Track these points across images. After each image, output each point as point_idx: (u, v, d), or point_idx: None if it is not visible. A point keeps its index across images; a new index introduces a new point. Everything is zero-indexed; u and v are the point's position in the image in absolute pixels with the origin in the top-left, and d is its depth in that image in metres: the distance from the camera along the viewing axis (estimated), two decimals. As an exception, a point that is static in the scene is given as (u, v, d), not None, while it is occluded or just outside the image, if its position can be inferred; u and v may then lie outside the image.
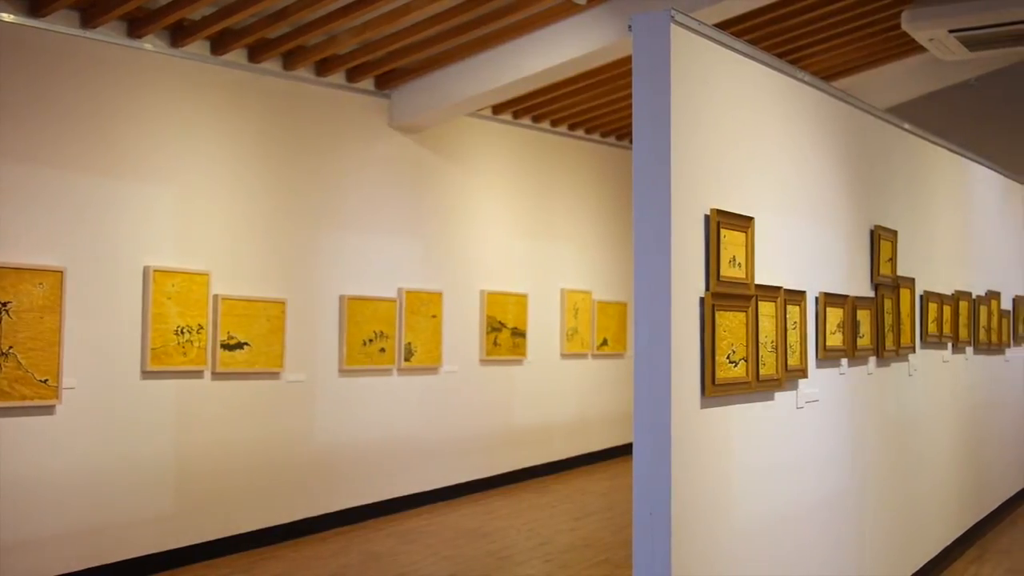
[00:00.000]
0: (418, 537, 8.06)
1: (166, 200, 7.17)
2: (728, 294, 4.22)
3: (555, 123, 11.14)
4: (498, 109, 10.24)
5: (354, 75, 8.62)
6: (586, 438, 11.72)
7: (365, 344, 8.65)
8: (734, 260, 4.27)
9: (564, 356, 11.29)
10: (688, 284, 4.01)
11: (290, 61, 8.05)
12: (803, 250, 4.99)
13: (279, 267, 7.97)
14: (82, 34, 6.74)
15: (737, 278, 4.29)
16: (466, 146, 10.03)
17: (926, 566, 6.58)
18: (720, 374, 4.15)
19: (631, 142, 4.11)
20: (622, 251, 12.01)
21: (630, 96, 4.07)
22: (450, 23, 7.60)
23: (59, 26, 6.61)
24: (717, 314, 4.14)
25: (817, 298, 5.09)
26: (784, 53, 9.52)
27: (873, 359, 5.81)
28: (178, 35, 7.25)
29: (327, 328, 8.38)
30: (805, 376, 4.91)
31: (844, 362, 5.41)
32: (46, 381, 6.34)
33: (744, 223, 4.36)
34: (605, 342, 11.88)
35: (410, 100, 8.95)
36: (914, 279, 6.45)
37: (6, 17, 6.36)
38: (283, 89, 8.12)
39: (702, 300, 4.09)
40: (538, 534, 8.17)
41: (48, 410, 6.42)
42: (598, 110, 10.85)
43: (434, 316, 9.37)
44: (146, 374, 6.97)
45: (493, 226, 10.34)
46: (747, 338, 4.35)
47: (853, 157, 5.60)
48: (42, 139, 6.50)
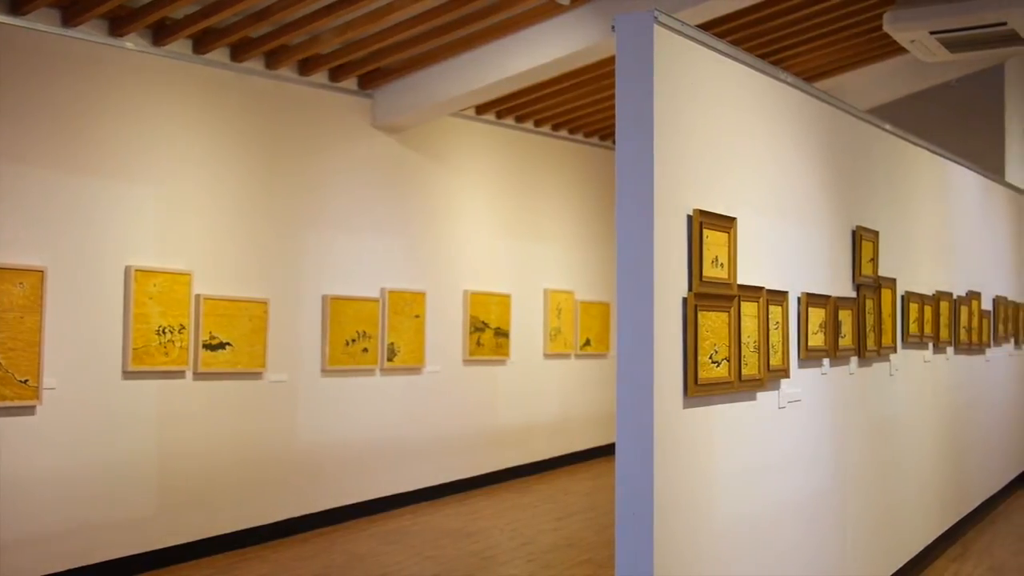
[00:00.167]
0: (401, 537, 8.05)
1: (148, 200, 7.14)
2: (711, 294, 4.23)
3: (538, 123, 11.14)
4: (481, 109, 10.24)
5: (337, 75, 8.60)
6: (569, 438, 11.73)
7: (348, 344, 8.63)
8: (716, 260, 4.28)
9: (547, 356, 11.30)
10: (671, 284, 4.01)
11: (273, 60, 8.03)
12: (785, 250, 5.01)
13: (261, 267, 7.94)
14: (63, 32, 6.70)
15: (719, 278, 4.30)
16: (449, 146, 10.03)
17: (908, 564, 6.61)
18: (703, 374, 4.16)
19: (614, 142, 4.11)
20: (605, 251, 12.02)
21: (613, 96, 4.08)
22: (433, 23, 7.60)
23: (39, 24, 6.57)
24: (700, 314, 4.15)
25: (799, 298, 5.11)
26: (768, 54, 9.55)
27: (855, 359, 5.83)
28: (160, 34, 7.22)
29: (310, 328, 8.36)
30: (787, 376, 4.92)
31: (826, 362, 5.43)
32: (26, 381, 6.30)
33: (727, 223, 4.37)
34: (588, 342, 11.89)
35: (393, 100, 8.93)
36: (895, 279, 6.48)
37: (-14, 15, 6.34)
38: (266, 88, 8.10)
39: (685, 300, 4.10)
40: (521, 534, 8.17)
41: (28, 411, 6.38)
42: (581, 110, 10.86)
43: (417, 316, 9.36)
44: (128, 374, 6.94)
45: (476, 226, 10.34)
46: (729, 338, 4.36)
47: (835, 158, 5.62)
48: (22, 138, 6.46)
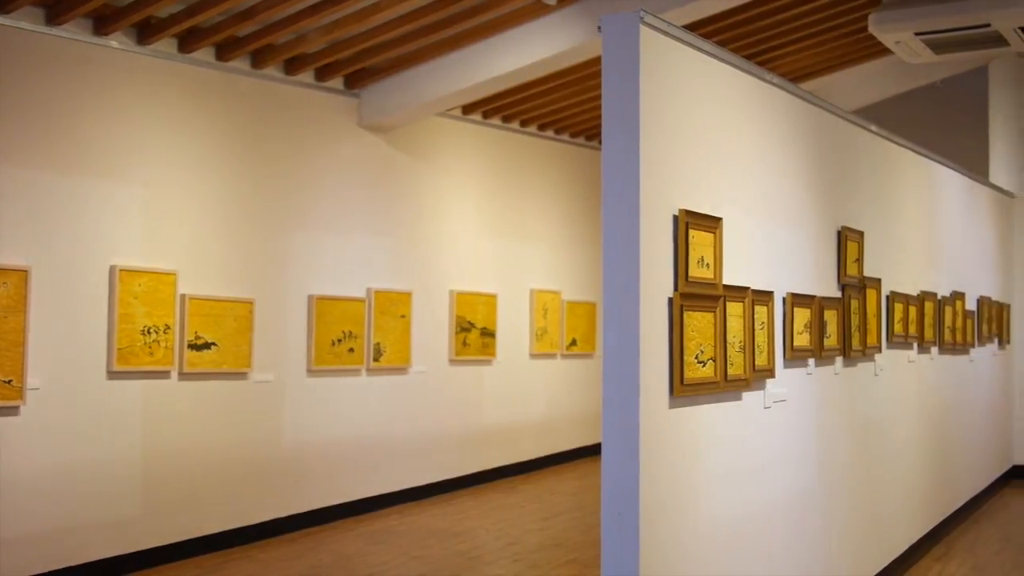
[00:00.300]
0: (388, 537, 8.04)
1: (133, 199, 7.12)
2: (696, 294, 4.24)
3: (525, 123, 11.14)
4: (468, 109, 10.23)
5: (323, 74, 8.59)
6: (555, 438, 11.73)
7: (334, 344, 8.62)
8: (702, 260, 4.29)
9: (533, 356, 11.30)
10: (657, 284, 4.02)
11: (258, 60, 8.00)
12: (771, 251, 5.02)
13: (247, 267, 7.92)
14: (47, 31, 6.67)
15: (705, 278, 4.30)
16: (436, 146, 10.02)
17: (892, 564, 6.63)
18: (688, 374, 4.16)
19: (600, 143, 4.12)
20: (591, 251, 12.03)
21: (599, 97, 4.07)
22: (420, 22, 7.59)
23: (23, 22, 6.54)
24: (685, 314, 4.16)
25: (785, 298, 5.12)
26: (754, 54, 9.58)
27: (840, 359, 5.85)
28: (145, 33, 7.19)
29: (295, 328, 8.34)
30: (773, 376, 4.93)
31: (811, 362, 5.45)
32: (10, 382, 6.27)
33: (712, 224, 4.37)
34: (574, 342, 11.90)
35: (379, 99, 8.92)
36: (880, 279, 6.50)
37: (-30, 13, 6.30)
38: (251, 88, 8.08)
39: (670, 300, 4.10)
40: (507, 534, 8.17)
41: (12, 411, 6.35)
42: (568, 110, 10.87)
43: (403, 316, 9.34)
44: (112, 374, 6.91)
45: (462, 226, 10.33)
46: (715, 338, 4.37)
47: (821, 158, 5.64)
48: (6, 137, 6.42)
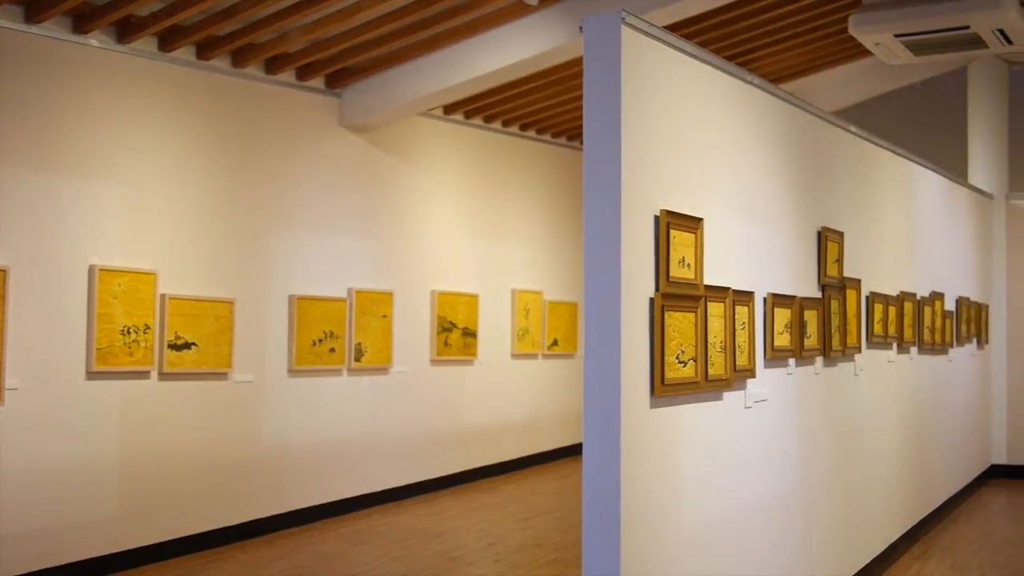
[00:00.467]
0: (369, 538, 8.02)
1: (112, 198, 7.08)
2: (677, 294, 4.25)
3: (507, 123, 11.14)
4: (450, 109, 10.22)
5: (304, 73, 8.56)
6: (536, 438, 11.74)
7: (315, 344, 8.59)
8: (683, 261, 4.30)
9: (515, 356, 11.30)
10: (638, 284, 4.03)
11: (239, 59, 7.97)
12: (752, 251, 5.04)
13: (227, 266, 7.89)
14: (26, 29, 6.63)
15: (686, 279, 4.31)
16: (418, 146, 10.00)
17: (871, 563, 6.66)
18: (669, 374, 4.17)
19: (582, 143, 4.13)
20: (573, 251, 12.04)
21: (581, 97, 4.08)
22: (401, 22, 7.58)
23: (2, 21, 6.49)
24: (666, 314, 4.17)
25: (765, 299, 5.14)
26: (735, 55, 9.61)
27: (820, 359, 5.88)
28: (125, 31, 7.15)
29: (276, 328, 8.31)
30: (753, 376, 4.95)
31: (792, 362, 5.47)
32: (-12, 382, 6.22)
33: (693, 224, 4.39)
34: (556, 342, 11.91)
35: (361, 99, 8.90)
36: (860, 280, 6.53)
37: (-53, 11, 6.26)
38: (232, 87, 8.05)
39: (652, 300, 4.11)
40: (488, 534, 8.17)
41: (-10, 411, 6.32)
42: (549, 111, 10.88)
43: (384, 316, 9.33)
44: (91, 375, 6.87)
45: (444, 226, 10.32)
46: (696, 338, 4.38)
47: (801, 159, 5.66)
48: (-16, 135, 6.39)
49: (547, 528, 8.41)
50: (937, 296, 8.46)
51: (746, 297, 4.87)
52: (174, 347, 7.36)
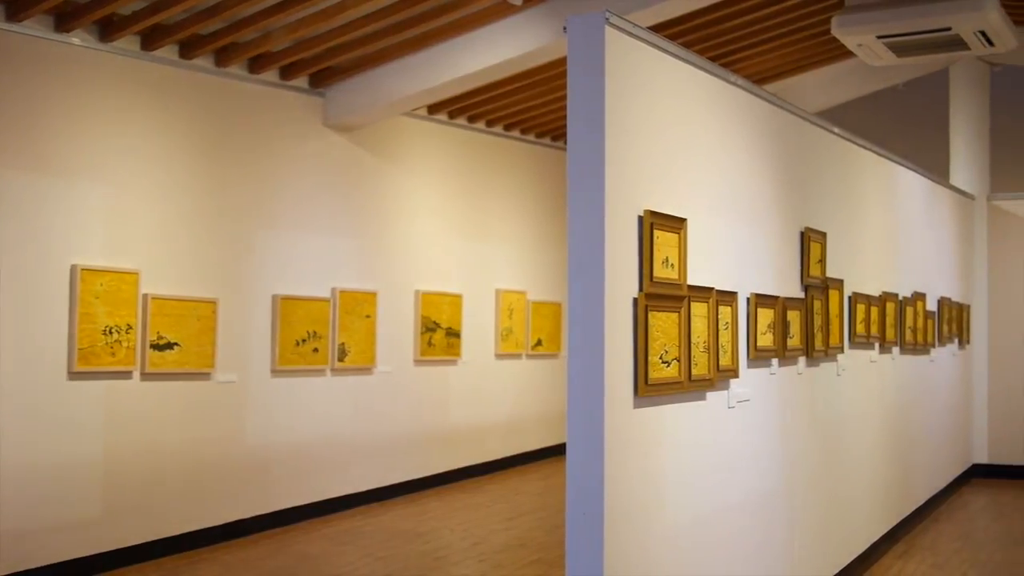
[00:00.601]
0: (353, 538, 8.01)
1: (94, 198, 7.04)
2: (661, 295, 4.26)
3: (491, 123, 11.14)
4: (434, 109, 10.22)
5: (288, 73, 8.54)
6: (520, 438, 11.74)
7: (298, 344, 8.57)
8: (667, 261, 4.31)
9: (499, 356, 11.30)
10: (622, 285, 4.03)
11: (222, 58, 7.95)
12: (735, 251, 5.05)
13: (210, 266, 7.86)
14: (7, 27, 6.59)
15: (670, 279, 4.32)
16: (402, 146, 9.99)
17: (853, 562, 6.69)
18: (653, 374, 4.18)
19: (566, 143, 4.13)
20: (557, 252, 12.05)
21: (565, 97, 4.08)
22: (386, 22, 7.57)
23: (-17, 19, 6.47)
24: (650, 314, 4.17)
25: (748, 299, 5.15)
26: (719, 56, 9.63)
27: (803, 359, 5.90)
28: (107, 30, 7.12)
29: (259, 328, 8.29)
30: (736, 376, 4.97)
31: (774, 362, 5.49)
32: (-31, 382, 6.19)
33: (677, 224, 4.40)
34: (539, 342, 11.91)
35: (345, 99, 8.89)
36: (843, 280, 6.56)
37: (-72, 9, 6.21)
38: (215, 86, 8.02)
39: (635, 300, 4.12)
40: (472, 534, 8.17)
41: (-29, 412, 6.28)
42: (534, 111, 10.88)
43: (368, 316, 9.32)
44: (73, 375, 6.84)
45: (428, 226, 10.31)
46: (679, 338, 4.39)
47: (784, 160, 5.68)
48: (-35, 134, 6.35)
49: (531, 528, 8.42)
50: (919, 296, 8.50)
51: (729, 297, 4.88)
52: (156, 347, 7.33)
